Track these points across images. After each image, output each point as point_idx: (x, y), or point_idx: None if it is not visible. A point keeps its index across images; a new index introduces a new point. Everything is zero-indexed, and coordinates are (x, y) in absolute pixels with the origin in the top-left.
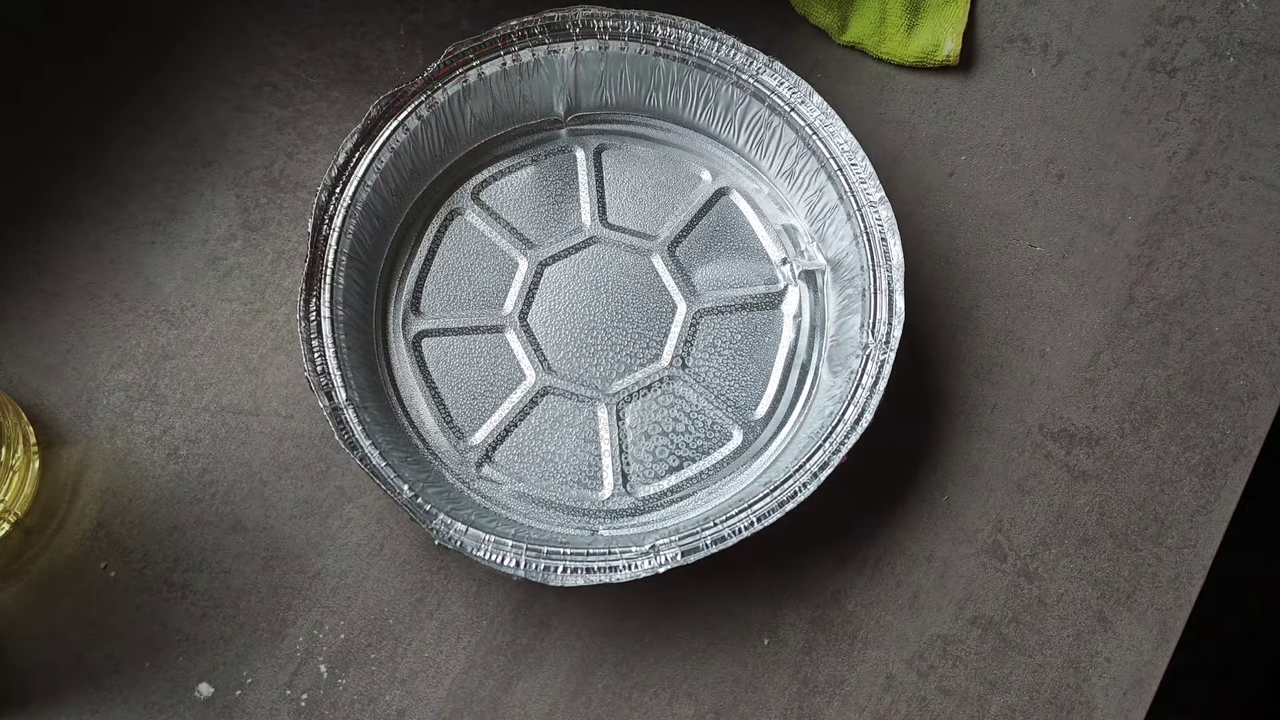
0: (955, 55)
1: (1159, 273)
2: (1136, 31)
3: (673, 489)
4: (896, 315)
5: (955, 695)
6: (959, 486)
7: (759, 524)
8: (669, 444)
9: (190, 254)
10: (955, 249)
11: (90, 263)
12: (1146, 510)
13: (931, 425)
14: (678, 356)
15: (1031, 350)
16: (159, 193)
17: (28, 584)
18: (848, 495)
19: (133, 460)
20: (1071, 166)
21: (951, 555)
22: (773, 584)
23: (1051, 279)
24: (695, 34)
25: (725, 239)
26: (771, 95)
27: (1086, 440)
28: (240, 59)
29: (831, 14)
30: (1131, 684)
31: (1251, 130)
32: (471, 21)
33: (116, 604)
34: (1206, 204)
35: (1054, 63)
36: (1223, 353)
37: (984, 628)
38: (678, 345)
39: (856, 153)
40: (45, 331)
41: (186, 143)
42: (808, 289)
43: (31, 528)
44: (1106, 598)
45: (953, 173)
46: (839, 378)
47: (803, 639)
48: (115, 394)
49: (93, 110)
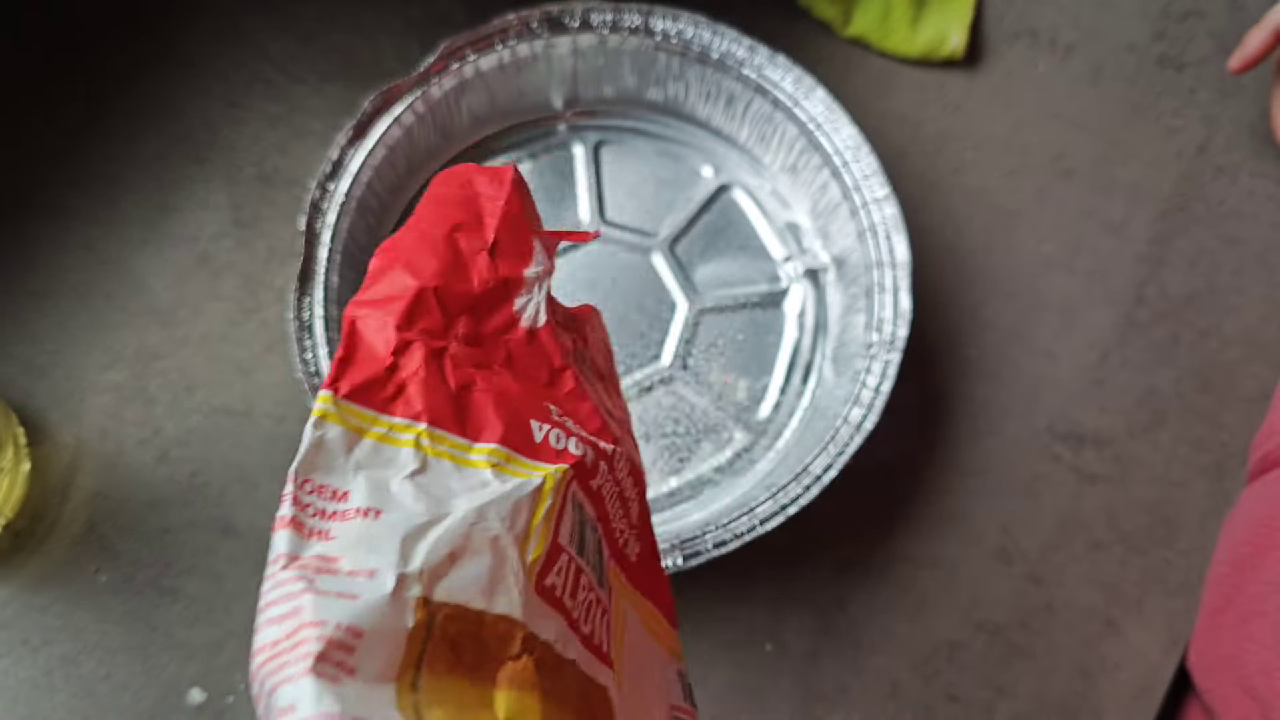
0: (961, 49)
1: (1169, 271)
2: (1145, 26)
3: (673, 492)
4: (902, 315)
5: (962, 702)
6: (965, 489)
7: (762, 527)
8: (670, 446)
9: (181, 252)
10: (961, 247)
11: (80, 261)
12: (1156, 513)
13: (937, 427)
14: (679, 356)
15: (1039, 350)
16: (150, 190)
17: (17, 588)
18: (852, 498)
19: (123, 462)
20: (1079, 163)
21: (958, 559)
22: (776, 589)
23: (1060, 278)
24: (696, 27)
25: (727, 236)
26: (774, 90)
27: (1095, 442)
28: (233, 54)
29: (835, 7)
30: (1140, 690)
31: (1261, 127)
32: (468, 15)
33: (107, 608)
34: (1216, 201)
35: (1061, 57)
36: (1233, 353)
37: (991, 633)
38: (679, 345)
39: (861, 148)
40: (35, 331)
41: (178, 139)
42: (811, 287)
43: (21, 531)
44: (1115, 602)
45: (959, 169)
46: (843, 378)
47: (806, 645)
48: (105, 395)
49: (83, 106)
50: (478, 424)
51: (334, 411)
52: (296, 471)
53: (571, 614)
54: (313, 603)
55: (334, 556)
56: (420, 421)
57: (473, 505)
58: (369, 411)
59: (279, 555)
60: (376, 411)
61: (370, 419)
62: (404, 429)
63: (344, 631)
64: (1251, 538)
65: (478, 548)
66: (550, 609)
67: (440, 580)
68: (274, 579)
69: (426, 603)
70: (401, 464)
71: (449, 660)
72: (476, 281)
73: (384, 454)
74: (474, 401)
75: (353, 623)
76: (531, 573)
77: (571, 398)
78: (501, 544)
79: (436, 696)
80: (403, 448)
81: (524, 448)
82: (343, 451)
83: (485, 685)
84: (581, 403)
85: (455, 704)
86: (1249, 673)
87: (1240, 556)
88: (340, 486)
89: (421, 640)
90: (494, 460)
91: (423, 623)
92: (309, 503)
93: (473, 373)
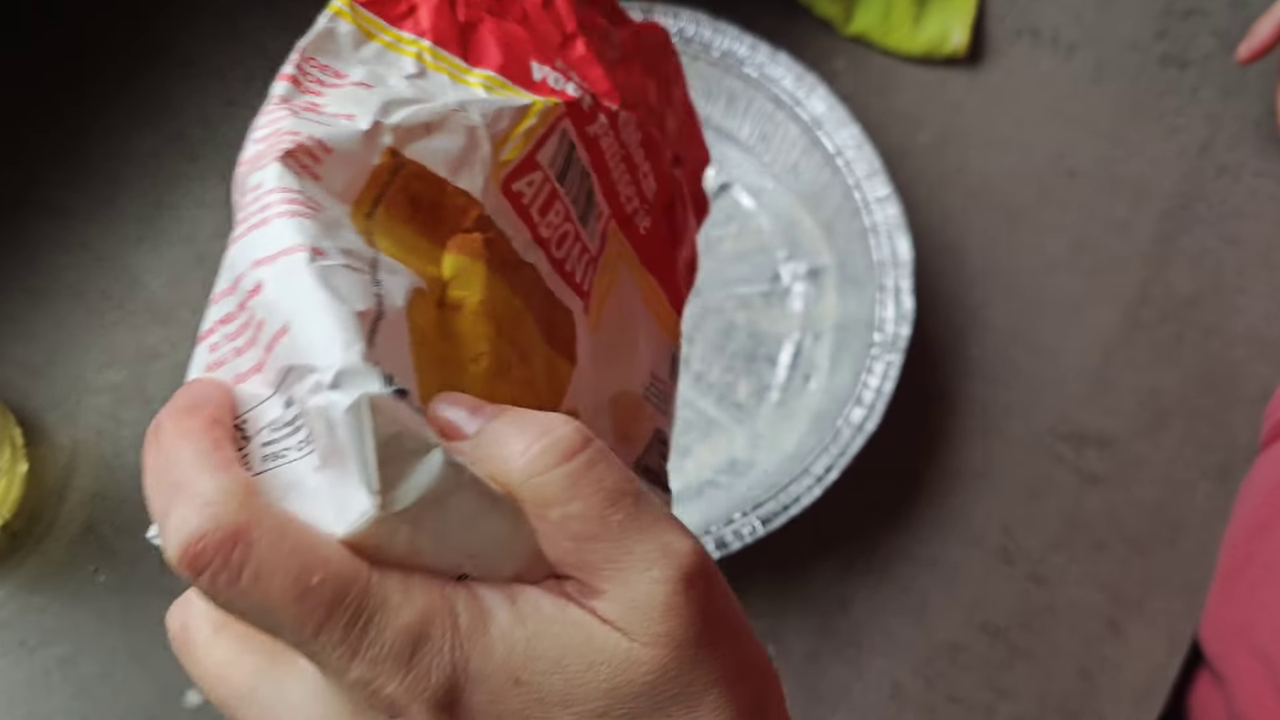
0: (963, 47)
1: (1172, 271)
2: (1147, 24)
3: (674, 492)
4: (904, 315)
5: (963, 703)
6: (967, 490)
7: (762, 528)
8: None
9: (179, 251)
10: (964, 246)
11: (78, 260)
12: (1159, 514)
13: (939, 427)
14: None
15: (1042, 350)
16: (147, 188)
17: (15, 588)
18: (854, 499)
19: (121, 463)
20: (1082, 162)
21: (960, 560)
22: (776, 590)
23: (1063, 277)
24: (697, 25)
25: (728, 235)
26: (775, 88)
27: (1098, 442)
28: (230, 52)
29: (837, 5)
30: (1142, 692)
31: (1264, 124)
32: None
33: (105, 609)
34: (1219, 200)
35: (1064, 56)
36: (1237, 352)
37: (993, 634)
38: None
39: (862, 147)
40: (32, 331)
41: (175, 137)
42: (812, 287)
43: (18, 531)
44: (1117, 603)
45: (961, 168)
46: (844, 378)
47: (808, 647)
48: (103, 394)
49: (80, 104)
50: (479, 53)
51: (348, 11)
52: (304, 49)
53: (538, 230)
54: (292, 121)
55: (321, 105)
56: (425, 39)
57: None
58: (381, 21)
59: (273, 98)
60: (387, 23)
61: (380, 27)
62: (410, 42)
63: (314, 143)
64: (1265, 504)
65: (453, 128)
66: (513, 212)
67: (413, 141)
68: (265, 113)
69: (394, 153)
70: (402, 67)
71: (406, 211)
72: None
73: (387, 57)
74: (479, 36)
75: (323, 139)
76: (500, 170)
77: (583, 62)
78: (477, 134)
79: (388, 232)
80: (405, 56)
81: (521, 80)
82: (350, 45)
83: (435, 244)
84: (592, 68)
85: (405, 244)
86: (1263, 639)
87: (1253, 523)
88: (342, 70)
89: (383, 182)
90: (488, 84)
91: (387, 166)
92: (310, 72)
93: (483, 14)
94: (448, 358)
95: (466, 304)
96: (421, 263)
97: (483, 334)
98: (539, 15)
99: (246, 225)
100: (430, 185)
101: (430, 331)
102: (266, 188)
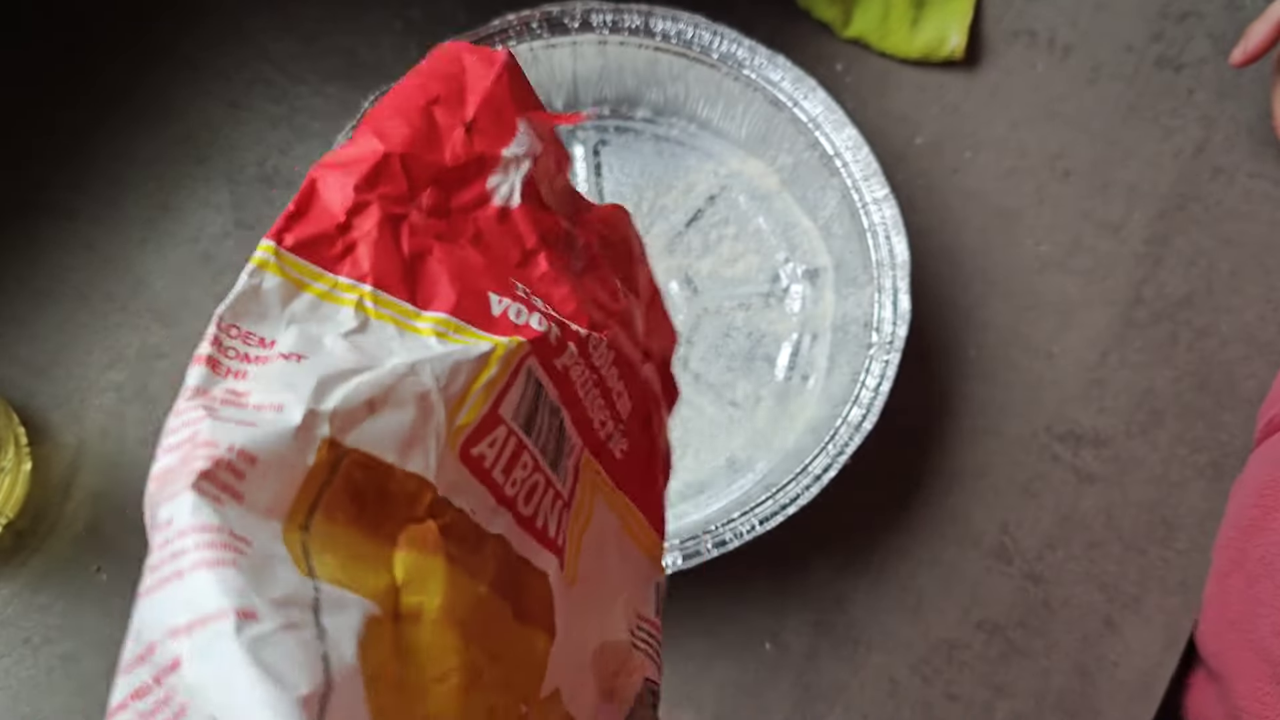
0: (960, 50)
1: (1167, 271)
2: (1143, 26)
3: (673, 492)
4: (901, 315)
5: (961, 701)
6: (964, 489)
7: (761, 527)
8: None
9: (182, 252)
10: (960, 247)
11: (82, 261)
12: (1154, 513)
13: (936, 427)
14: (678, 357)
15: (1038, 350)
16: (151, 190)
17: (19, 587)
18: (851, 498)
19: (125, 462)
20: (1078, 163)
21: (957, 559)
22: (775, 588)
23: (1058, 278)
24: (696, 28)
25: (727, 236)
26: (774, 90)
27: (1094, 442)
28: (234, 54)
29: (835, 8)
30: (1139, 689)
31: (1259, 127)
32: (469, 16)
33: (109, 607)
34: (1214, 202)
35: (1060, 58)
36: (1231, 352)
37: (990, 632)
38: (678, 345)
39: (860, 149)
40: (36, 331)
41: (179, 139)
42: (811, 288)
43: (23, 530)
44: (1114, 601)
45: (958, 169)
46: (842, 378)
47: (805, 644)
48: (107, 394)
49: (85, 107)
50: (429, 293)
51: (273, 262)
52: (222, 316)
53: (503, 490)
54: (210, 427)
55: (244, 392)
56: (365, 283)
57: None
58: (313, 267)
59: (187, 389)
60: (321, 268)
61: (313, 274)
62: (348, 289)
63: (235, 454)
64: (1258, 501)
65: (402, 400)
66: (474, 479)
67: (355, 426)
68: (177, 411)
69: (334, 445)
70: (340, 321)
71: (349, 511)
72: (448, 155)
73: (322, 310)
74: (427, 270)
75: (246, 447)
76: (457, 437)
77: (545, 280)
78: (430, 400)
79: (329, 543)
80: (344, 306)
81: (478, 319)
82: (278, 303)
83: (385, 543)
84: (556, 286)
85: (349, 554)
86: (1260, 635)
87: (1247, 520)
88: (268, 336)
89: (321, 483)
90: (441, 330)
91: (325, 463)
92: (231, 346)
93: (431, 243)
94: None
95: (425, 611)
96: (370, 573)
97: (449, 646)
98: (495, 232)
99: (158, 577)
100: (376, 474)
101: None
102: (179, 525)
